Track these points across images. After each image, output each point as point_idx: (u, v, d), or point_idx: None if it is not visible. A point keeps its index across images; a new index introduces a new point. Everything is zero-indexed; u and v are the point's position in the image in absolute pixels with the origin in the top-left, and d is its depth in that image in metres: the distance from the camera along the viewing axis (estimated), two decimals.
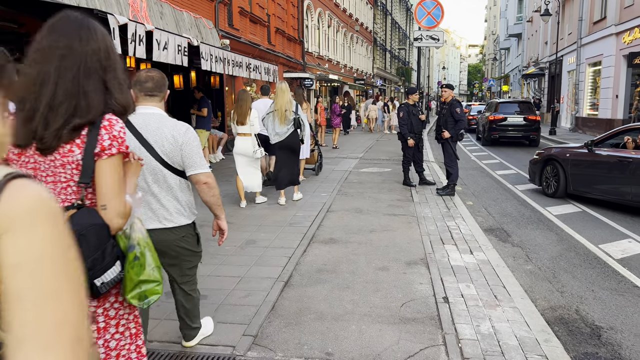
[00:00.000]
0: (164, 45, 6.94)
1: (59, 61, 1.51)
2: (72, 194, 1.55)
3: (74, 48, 1.53)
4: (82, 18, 1.62)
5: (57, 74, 1.51)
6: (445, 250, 5.46)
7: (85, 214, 1.50)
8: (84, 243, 1.45)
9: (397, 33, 59.27)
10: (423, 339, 3.41)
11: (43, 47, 1.53)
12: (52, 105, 1.49)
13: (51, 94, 1.50)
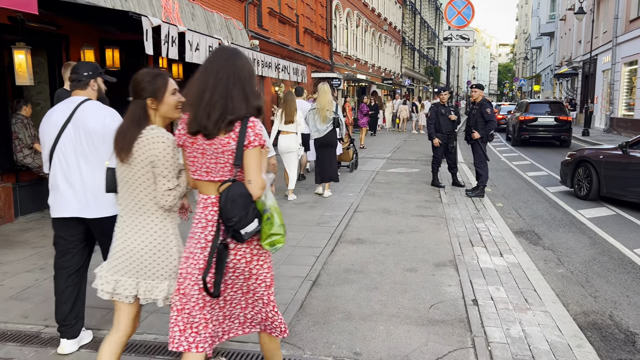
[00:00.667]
0: (195, 46, 7.06)
1: (215, 75, 2.19)
2: (228, 172, 2.19)
3: (224, 66, 2.21)
4: (231, 48, 2.33)
5: (213, 82, 2.18)
6: (474, 252, 5.41)
7: (237, 186, 2.15)
8: (235, 205, 2.11)
9: (426, 32, 58.73)
10: (452, 341, 3.39)
11: (205, 67, 2.25)
12: (211, 103, 2.15)
13: (210, 95, 2.16)
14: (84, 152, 3.11)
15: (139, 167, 2.35)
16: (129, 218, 2.43)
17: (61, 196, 3.17)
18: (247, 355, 3.19)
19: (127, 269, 2.43)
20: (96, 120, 3.08)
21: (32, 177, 6.95)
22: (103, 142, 3.02)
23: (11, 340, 3.35)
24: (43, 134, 3.23)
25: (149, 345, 3.28)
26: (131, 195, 2.41)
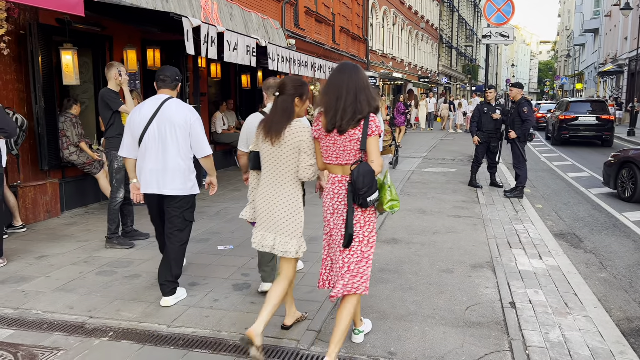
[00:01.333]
0: (234, 46, 7.16)
1: (346, 87, 2.87)
2: (353, 157, 2.89)
3: (350, 80, 2.89)
4: (351, 64, 3.00)
5: (345, 93, 2.86)
6: (512, 254, 5.31)
7: (364, 165, 2.82)
8: (365, 179, 2.76)
9: (464, 30, 57.79)
10: (488, 344, 3.34)
11: (334, 79, 2.94)
12: (344, 108, 2.85)
13: (343, 103, 2.85)
14: (165, 141, 3.83)
15: (287, 149, 3.09)
16: (271, 188, 3.19)
17: (145, 176, 3.90)
18: (282, 351, 3.23)
19: (269, 227, 3.20)
20: (179, 115, 3.84)
21: (77, 174, 7.20)
22: (183, 134, 3.84)
23: (58, 330, 3.49)
24: (133, 124, 3.91)
25: (187, 339, 3.36)
26: (276, 170, 3.16)
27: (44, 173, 6.75)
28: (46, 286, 4.31)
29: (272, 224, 3.19)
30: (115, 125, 5.33)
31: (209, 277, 4.50)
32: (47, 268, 4.77)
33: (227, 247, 5.42)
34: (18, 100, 6.39)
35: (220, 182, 9.61)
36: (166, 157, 3.84)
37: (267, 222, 3.20)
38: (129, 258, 5.07)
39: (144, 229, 5.97)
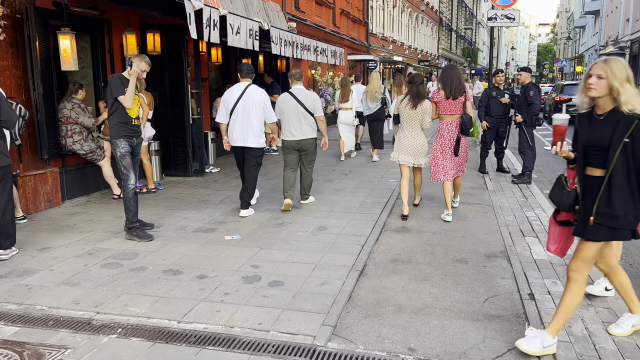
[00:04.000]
0: (236, 29, 6.96)
1: (456, 75, 5.93)
2: (460, 110, 5.91)
3: (455, 71, 6.01)
4: (452, 64, 6.52)
5: (456, 79, 5.88)
6: (526, 242, 5.20)
7: (466, 115, 5.90)
8: (469, 120, 5.87)
9: (464, 12, 57.21)
10: (510, 339, 3.23)
11: (448, 72, 6.00)
12: (456, 87, 5.83)
13: (456, 83, 5.84)
14: (248, 112, 6.03)
15: (419, 113, 5.97)
16: (409, 133, 6.09)
17: (235, 135, 6.10)
18: (298, 348, 3.11)
19: (408, 152, 6.09)
20: (257, 96, 6.08)
21: (78, 162, 7.05)
22: (259, 108, 6.06)
23: (64, 327, 3.37)
24: (226, 101, 6.12)
25: (199, 336, 3.25)
26: (412, 123, 6.03)
27: (44, 161, 6.59)
28: (50, 280, 4.18)
29: (413, 151, 6.08)
30: (117, 113, 5.15)
31: (218, 269, 4.38)
32: (51, 260, 4.64)
33: (234, 237, 5.30)
34: (15, 87, 6.20)
35: (223, 169, 9.47)
36: (248, 123, 6.03)
37: (409, 150, 6.08)
38: (135, 249, 4.94)
39: (147, 219, 5.84)
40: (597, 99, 2.86)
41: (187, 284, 4.08)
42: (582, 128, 2.98)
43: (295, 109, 6.30)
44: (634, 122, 2.73)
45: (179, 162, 8.70)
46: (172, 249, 4.96)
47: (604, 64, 2.82)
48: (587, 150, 2.92)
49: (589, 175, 2.91)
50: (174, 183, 8.22)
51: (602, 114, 2.87)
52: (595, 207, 2.85)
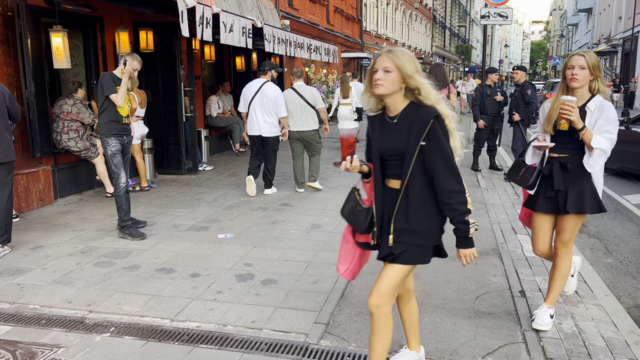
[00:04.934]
0: (229, 27, 6.96)
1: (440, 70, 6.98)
2: None
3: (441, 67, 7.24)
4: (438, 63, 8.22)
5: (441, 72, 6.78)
6: (518, 240, 5.24)
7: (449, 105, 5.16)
8: None
9: (457, 10, 57.30)
10: (501, 336, 3.27)
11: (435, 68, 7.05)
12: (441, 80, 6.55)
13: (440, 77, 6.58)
14: (263, 106, 6.94)
15: None
16: None
17: (253, 125, 7.03)
18: (291, 346, 3.13)
19: None
20: (271, 92, 6.93)
21: (70, 160, 7.03)
22: (273, 103, 6.91)
23: (57, 326, 3.37)
24: (245, 95, 7.07)
25: (192, 334, 3.26)
26: None
27: (36, 160, 6.56)
28: (42, 278, 4.18)
29: None
30: (107, 111, 5.14)
31: (211, 268, 4.39)
32: (43, 259, 4.63)
33: (228, 235, 5.30)
34: (7, 84, 6.16)
35: (216, 167, 9.46)
36: (264, 115, 6.96)
37: None
38: (127, 248, 4.94)
39: (140, 217, 5.83)
40: (385, 97, 2.35)
41: (180, 282, 4.09)
42: (374, 134, 2.47)
43: (298, 102, 7.09)
44: (430, 121, 2.27)
45: (172, 160, 8.69)
46: (165, 247, 4.96)
47: (389, 54, 2.33)
48: (384, 160, 2.43)
49: (389, 188, 2.44)
50: (167, 181, 8.21)
51: (395, 115, 2.38)
52: (393, 223, 2.39)
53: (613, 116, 3.04)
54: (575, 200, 3.14)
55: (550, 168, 3.21)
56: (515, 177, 3.43)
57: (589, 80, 3.09)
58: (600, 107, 3.07)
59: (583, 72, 3.05)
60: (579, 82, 3.06)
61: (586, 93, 3.13)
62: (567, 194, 3.17)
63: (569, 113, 3.00)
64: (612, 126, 3.03)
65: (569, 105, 3.01)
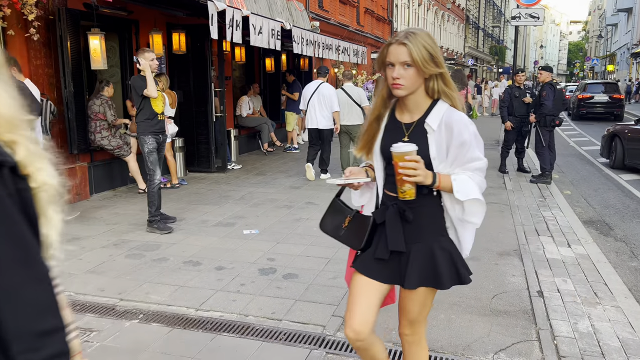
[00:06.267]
0: (259, 29, 7.14)
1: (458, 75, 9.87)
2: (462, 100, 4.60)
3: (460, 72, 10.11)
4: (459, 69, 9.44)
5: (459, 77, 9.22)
6: (540, 241, 5.24)
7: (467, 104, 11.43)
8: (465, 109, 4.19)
9: (492, 10, 56.47)
10: (515, 333, 3.32)
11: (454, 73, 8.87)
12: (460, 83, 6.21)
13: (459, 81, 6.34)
14: (320, 103, 8.13)
15: None
16: None
17: (311, 119, 8.24)
18: (308, 336, 3.26)
19: None
20: (327, 92, 8.12)
21: (105, 157, 7.33)
22: (328, 100, 8.07)
23: (90, 312, 3.59)
24: (305, 93, 8.38)
25: (215, 323, 3.42)
26: None
27: (73, 156, 6.88)
28: (78, 268, 4.42)
29: None
30: (144, 110, 5.38)
31: (235, 262, 4.56)
32: (79, 250, 4.89)
33: (253, 231, 5.47)
34: (48, 84, 6.49)
35: (244, 166, 9.68)
36: (321, 110, 8.15)
37: None
38: (157, 241, 5.16)
39: (170, 213, 6.06)
40: None
41: (205, 274, 4.27)
42: None
43: (346, 100, 8.22)
44: None
45: (202, 159, 8.94)
46: (193, 241, 5.16)
47: None
48: None
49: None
50: (197, 179, 8.46)
51: None
52: None
53: (470, 133, 1.95)
54: (421, 269, 2.01)
55: (384, 214, 2.05)
56: (331, 228, 2.23)
57: (422, 81, 1.96)
58: (448, 122, 1.94)
59: (409, 73, 1.92)
60: (406, 88, 1.94)
61: (422, 100, 2.01)
62: (410, 257, 2.02)
63: (413, 173, 1.87)
64: (475, 149, 1.95)
65: (409, 161, 1.86)
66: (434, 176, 1.93)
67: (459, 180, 1.94)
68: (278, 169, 9.37)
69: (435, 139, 1.97)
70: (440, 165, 1.98)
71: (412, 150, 1.89)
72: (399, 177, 1.91)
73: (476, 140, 1.98)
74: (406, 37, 1.92)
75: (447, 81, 2.01)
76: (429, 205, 2.04)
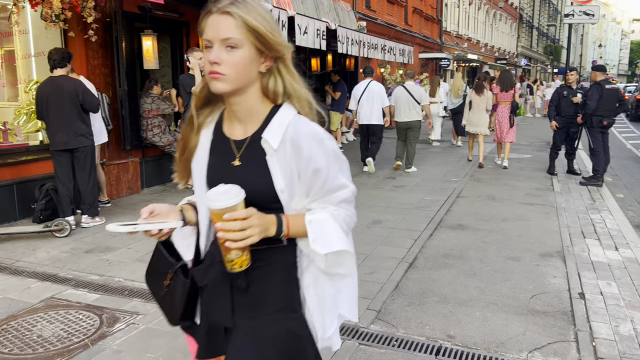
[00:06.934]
0: (304, 29, 7.26)
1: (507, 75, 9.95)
2: (511, 99, 9.29)
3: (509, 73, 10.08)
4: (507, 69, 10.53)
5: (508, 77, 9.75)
6: (585, 244, 5.10)
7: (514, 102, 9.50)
8: (516, 105, 9.54)
9: (547, 8, 54.65)
10: (552, 333, 3.27)
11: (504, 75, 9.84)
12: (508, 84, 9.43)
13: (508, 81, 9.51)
14: (371, 100, 8.59)
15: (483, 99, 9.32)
16: (477, 112, 9.41)
17: (362, 116, 8.73)
18: (342, 327, 3.32)
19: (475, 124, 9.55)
20: (377, 89, 8.72)
21: (156, 153, 7.65)
22: (380, 97, 8.65)
23: (137, 297, 3.80)
24: (355, 93, 8.83)
25: None
26: (479, 107, 9.36)
27: (126, 152, 7.22)
28: (127, 256, 4.67)
29: (478, 123, 9.41)
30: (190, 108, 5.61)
31: None
32: (128, 240, 5.15)
33: None
34: (104, 83, 6.85)
35: None
36: (371, 108, 8.61)
37: (476, 123, 9.41)
38: None
39: None
40: None
41: None
42: None
43: (406, 98, 8.82)
44: None
45: None
46: None
47: None
48: None
49: None
50: None
51: None
52: None
53: (327, 153, 1.38)
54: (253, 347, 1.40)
55: (208, 273, 1.46)
56: (154, 284, 1.63)
57: (256, 75, 1.38)
58: (294, 138, 1.36)
59: (235, 57, 1.32)
60: (229, 80, 1.33)
61: (257, 104, 1.41)
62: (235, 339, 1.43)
63: (239, 237, 1.26)
64: (336, 175, 1.39)
65: (231, 221, 1.26)
66: (278, 223, 1.33)
67: (316, 223, 1.36)
68: None
69: (280, 163, 1.34)
70: (292, 201, 1.37)
71: (233, 205, 1.24)
72: (220, 241, 1.28)
73: (337, 162, 1.38)
74: (233, 4, 1.30)
75: (292, 74, 1.42)
76: (276, 262, 1.41)
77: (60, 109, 5.26)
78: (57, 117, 5.29)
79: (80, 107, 5.37)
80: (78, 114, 5.36)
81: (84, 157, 5.44)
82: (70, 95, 5.25)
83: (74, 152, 5.41)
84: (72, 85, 5.31)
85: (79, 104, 5.34)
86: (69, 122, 5.30)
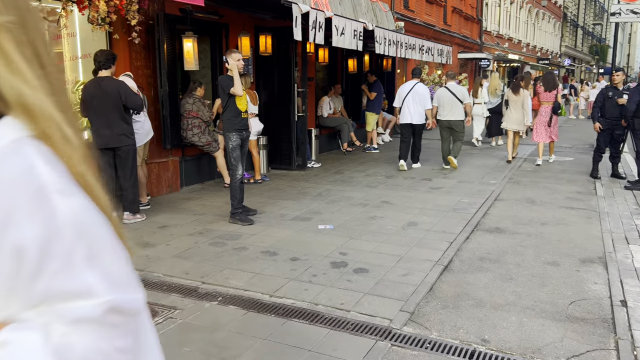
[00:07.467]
0: (341, 30, 7.30)
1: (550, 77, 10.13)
2: (553, 99, 9.57)
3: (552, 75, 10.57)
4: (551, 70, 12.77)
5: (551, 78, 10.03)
6: (629, 250, 4.93)
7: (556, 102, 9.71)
8: (557, 106, 9.72)
9: (593, 7, 52.92)
10: (591, 341, 3.19)
11: (547, 76, 9.94)
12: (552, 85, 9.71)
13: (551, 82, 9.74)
14: (415, 101, 9.01)
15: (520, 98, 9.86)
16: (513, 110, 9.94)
17: (405, 115, 9.10)
18: (375, 328, 3.34)
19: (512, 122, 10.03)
20: (421, 90, 9.11)
21: (195, 153, 7.83)
22: (422, 98, 9.03)
23: (175, 292, 3.91)
24: (401, 92, 9.24)
25: (287, 309, 3.60)
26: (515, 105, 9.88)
27: (167, 151, 7.41)
28: (166, 252, 4.80)
29: (515, 122, 9.89)
30: (229, 108, 5.72)
31: (309, 254, 4.73)
32: (168, 237, 5.30)
33: (327, 226, 5.62)
34: (146, 84, 7.05)
35: (323, 164, 9.89)
36: (416, 108, 8.99)
37: (513, 121, 9.91)
38: (239, 232, 5.46)
39: (252, 206, 6.36)
40: None
41: (281, 264, 4.48)
42: None
43: (449, 98, 9.17)
44: None
45: (284, 157, 9.25)
46: (271, 233, 5.41)
47: None
48: None
49: None
50: (278, 175, 8.78)
51: None
52: None
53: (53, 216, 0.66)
54: None
55: None
56: None
57: None
58: None
59: None
60: None
61: None
62: None
63: None
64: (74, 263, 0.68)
65: None
66: None
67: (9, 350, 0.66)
68: (356, 168, 9.48)
69: None
70: None
71: None
72: None
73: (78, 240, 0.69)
74: None
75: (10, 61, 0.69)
76: None
77: (103, 109, 5.47)
78: (100, 117, 5.50)
79: (122, 108, 5.55)
80: (120, 114, 5.55)
81: (126, 156, 5.63)
82: (113, 96, 5.45)
83: (116, 150, 5.60)
84: (116, 87, 5.50)
85: (121, 105, 5.53)
86: (112, 122, 5.50)
